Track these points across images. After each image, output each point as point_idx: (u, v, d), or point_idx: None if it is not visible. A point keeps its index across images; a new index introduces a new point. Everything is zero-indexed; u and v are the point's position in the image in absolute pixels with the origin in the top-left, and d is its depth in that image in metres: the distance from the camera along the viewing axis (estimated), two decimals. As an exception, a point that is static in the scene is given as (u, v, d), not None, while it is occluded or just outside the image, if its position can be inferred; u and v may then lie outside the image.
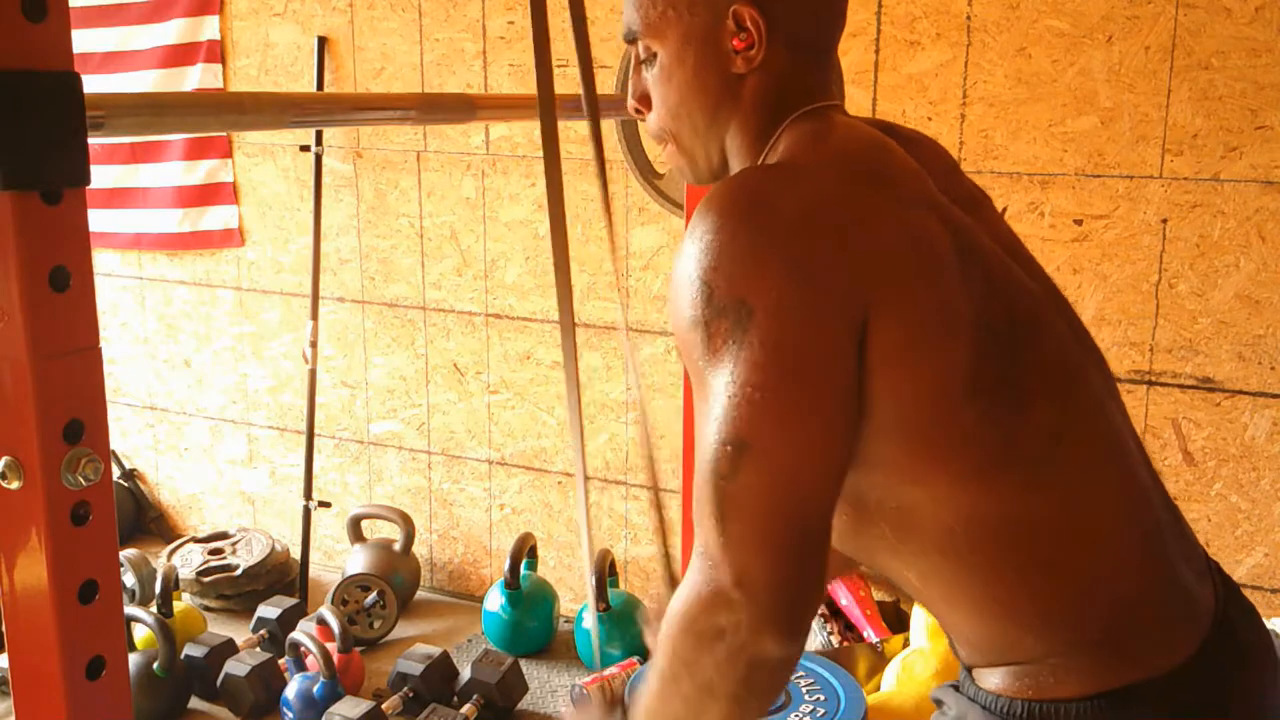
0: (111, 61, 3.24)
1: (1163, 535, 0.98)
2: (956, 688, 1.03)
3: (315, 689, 2.47)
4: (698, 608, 0.85)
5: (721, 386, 0.85)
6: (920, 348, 0.88)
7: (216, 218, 3.28)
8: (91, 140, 0.69)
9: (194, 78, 3.17)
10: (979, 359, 0.89)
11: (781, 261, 0.85)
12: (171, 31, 3.17)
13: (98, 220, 3.38)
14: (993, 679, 0.97)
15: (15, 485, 0.68)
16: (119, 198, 3.35)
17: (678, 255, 0.90)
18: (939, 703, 1.06)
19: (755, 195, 0.90)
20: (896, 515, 0.93)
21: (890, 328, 0.87)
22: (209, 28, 3.15)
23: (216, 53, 3.15)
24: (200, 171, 3.26)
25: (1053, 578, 0.93)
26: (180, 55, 3.18)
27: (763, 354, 0.84)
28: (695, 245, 0.88)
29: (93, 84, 0.93)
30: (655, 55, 1.04)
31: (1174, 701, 0.91)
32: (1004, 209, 2.42)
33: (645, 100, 1.08)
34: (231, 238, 3.27)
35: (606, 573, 2.71)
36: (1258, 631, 1.03)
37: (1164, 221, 2.31)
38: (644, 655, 2.69)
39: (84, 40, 3.21)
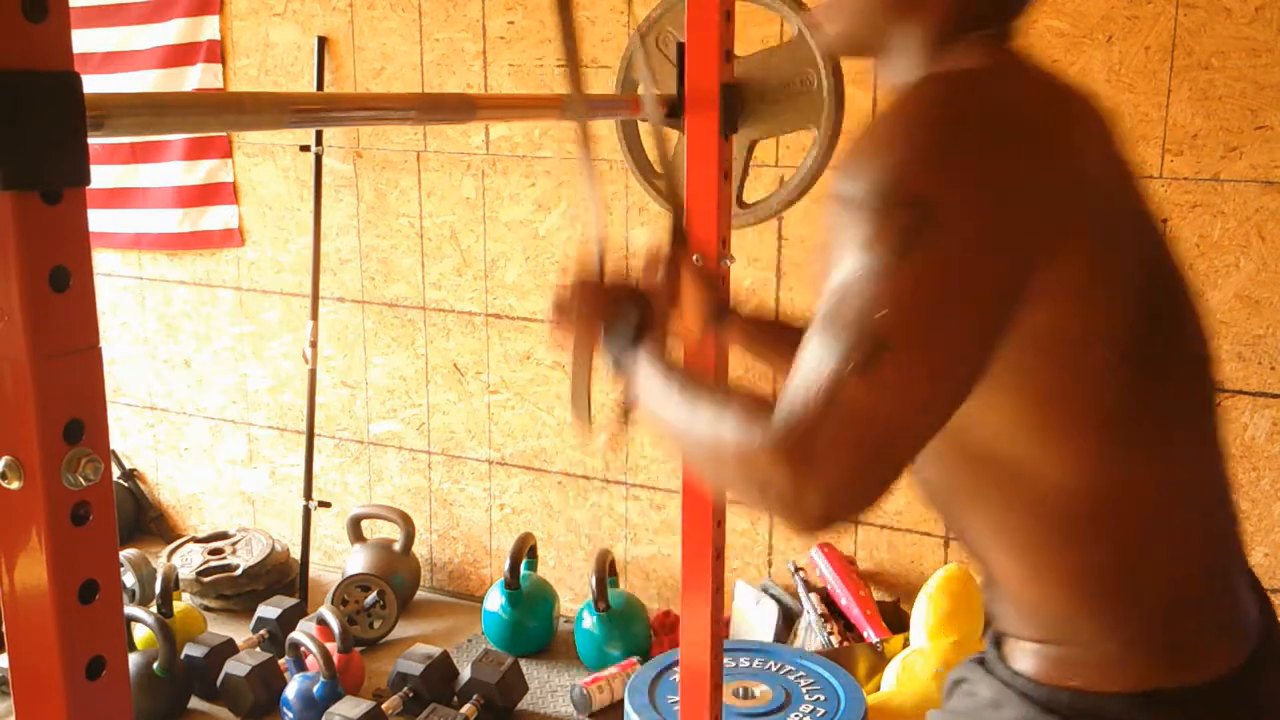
0: (111, 61, 3.24)
1: (1229, 541, 0.97)
2: (982, 663, 0.98)
3: (315, 689, 2.47)
4: (763, 459, 0.79)
5: (874, 278, 0.79)
6: (1095, 293, 0.84)
7: (216, 218, 3.28)
8: (91, 140, 0.69)
9: (194, 78, 3.17)
10: (1139, 324, 0.86)
11: (978, 171, 0.81)
12: (171, 31, 3.17)
13: (98, 220, 3.38)
14: (1030, 660, 0.93)
15: (15, 485, 0.68)
16: (119, 198, 3.35)
17: (873, 128, 0.85)
18: (960, 680, 1.01)
19: (969, 98, 0.85)
20: (996, 465, 0.89)
21: (1071, 264, 0.82)
22: (209, 28, 3.15)
23: (216, 53, 3.16)
24: (200, 171, 3.26)
25: (1132, 557, 0.89)
26: (180, 55, 3.18)
27: (930, 262, 0.79)
28: (895, 130, 0.84)
29: (93, 84, 0.93)
30: None
31: (1219, 710, 0.89)
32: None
33: None
34: (231, 238, 3.27)
35: (606, 573, 2.71)
36: None
37: (1164, 221, 2.31)
38: (644, 655, 2.69)
39: (84, 40, 3.21)
